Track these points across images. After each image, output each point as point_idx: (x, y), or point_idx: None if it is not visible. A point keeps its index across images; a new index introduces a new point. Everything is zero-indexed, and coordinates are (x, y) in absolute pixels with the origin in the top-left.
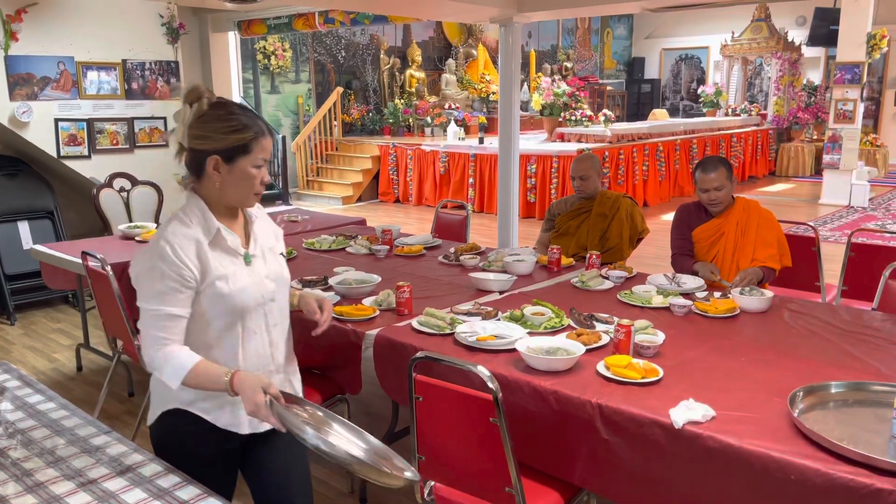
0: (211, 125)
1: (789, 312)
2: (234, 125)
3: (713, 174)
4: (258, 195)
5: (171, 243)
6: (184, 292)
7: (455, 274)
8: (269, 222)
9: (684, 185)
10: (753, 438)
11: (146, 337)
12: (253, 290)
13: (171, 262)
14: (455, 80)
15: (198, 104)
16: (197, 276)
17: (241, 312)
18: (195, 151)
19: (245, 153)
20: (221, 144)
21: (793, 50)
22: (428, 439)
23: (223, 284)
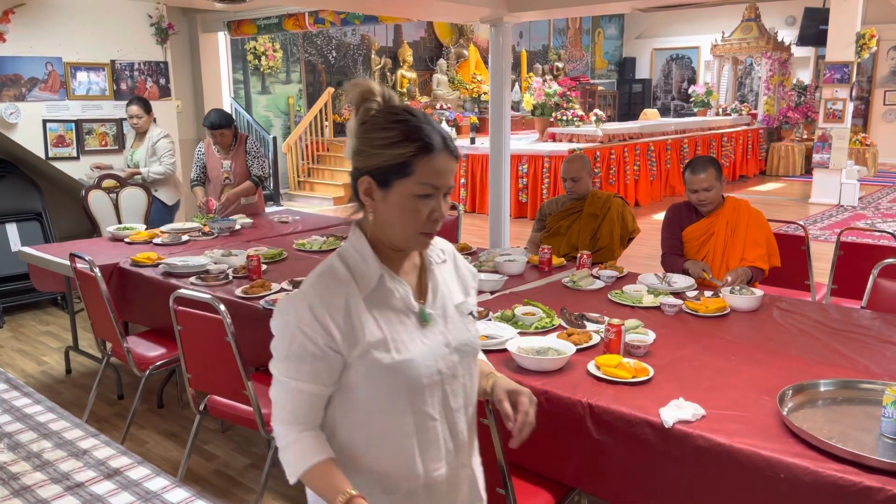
0: (367, 136)
1: (779, 311)
2: (392, 136)
3: (702, 174)
4: (427, 235)
5: (312, 299)
6: (323, 363)
7: None
8: (461, 268)
9: (675, 184)
10: (743, 437)
11: (274, 405)
12: (428, 362)
13: (308, 323)
14: (446, 80)
15: (363, 108)
16: (341, 343)
17: (410, 392)
18: (352, 170)
19: (403, 174)
20: (374, 161)
21: (782, 50)
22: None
23: (383, 354)
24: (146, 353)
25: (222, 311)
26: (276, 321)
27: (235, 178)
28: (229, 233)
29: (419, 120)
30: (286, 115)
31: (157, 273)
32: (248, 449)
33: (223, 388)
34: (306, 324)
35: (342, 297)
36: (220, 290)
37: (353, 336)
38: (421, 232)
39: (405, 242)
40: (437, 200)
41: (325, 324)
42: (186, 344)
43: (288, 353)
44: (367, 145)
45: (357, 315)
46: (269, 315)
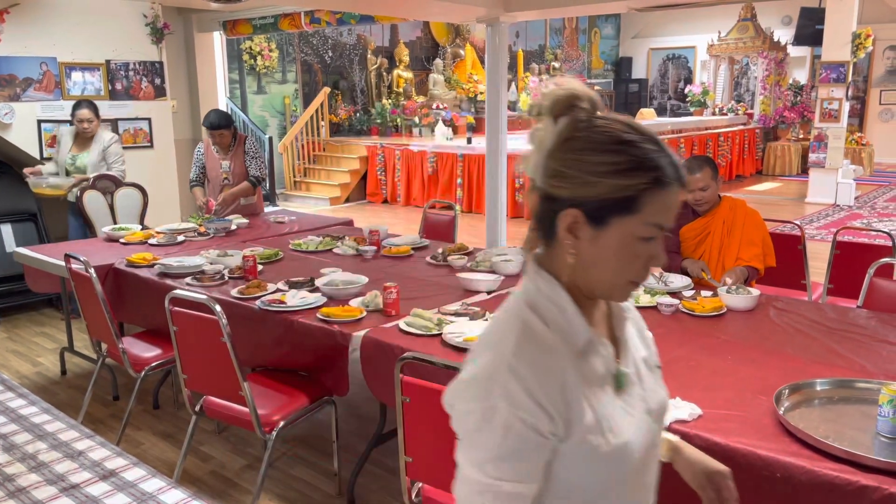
0: (579, 158)
1: (775, 311)
2: (619, 162)
3: (698, 174)
4: (636, 284)
5: (525, 374)
6: (537, 455)
7: (443, 274)
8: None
9: None
10: (739, 436)
11: None
12: (641, 440)
13: (526, 408)
14: (443, 80)
15: (569, 118)
16: (561, 427)
17: (629, 479)
18: (548, 197)
19: (627, 211)
20: (588, 192)
21: (779, 49)
22: (416, 441)
23: (599, 438)
24: (142, 354)
25: (218, 312)
26: (469, 407)
27: (234, 178)
28: (225, 233)
29: (649, 140)
30: (282, 115)
31: (153, 273)
32: (244, 450)
33: (219, 389)
34: (524, 409)
35: (559, 369)
36: (216, 291)
37: (570, 418)
38: (631, 280)
39: (610, 292)
40: (660, 243)
41: (545, 406)
42: (182, 345)
43: (500, 451)
44: (577, 169)
45: (572, 390)
46: (265, 316)
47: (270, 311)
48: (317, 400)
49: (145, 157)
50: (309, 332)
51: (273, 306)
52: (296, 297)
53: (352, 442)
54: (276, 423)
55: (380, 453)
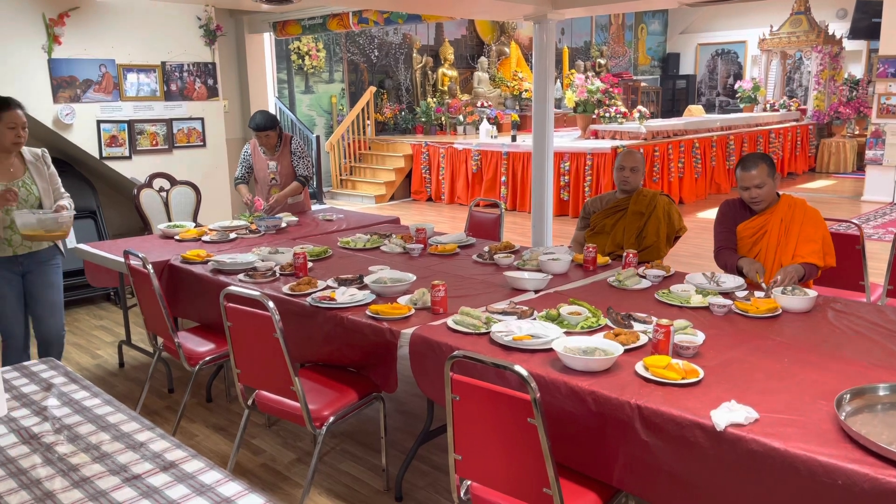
0: None
1: (833, 312)
2: None
3: (754, 171)
4: None
5: None
6: None
7: (489, 273)
8: None
9: (721, 182)
10: (799, 442)
11: None
12: None
13: None
14: (487, 77)
15: None
16: None
17: None
18: None
19: None
20: None
21: (833, 43)
22: (464, 438)
23: None
24: (196, 349)
25: (271, 308)
26: None
27: (281, 178)
28: (275, 231)
29: None
30: (329, 114)
31: (207, 270)
32: (294, 444)
33: (271, 384)
34: None
35: None
36: (268, 287)
37: None
38: None
39: None
40: None
41: None
42: (236, 340)
43: None
44: None
45: None
46: (315, 312)
47: (321, 307)
48: (365, 396)
49: (198, 157)
50: (358, 328)
51: (323, 303)
52: (345, 294)
53: (399, 438)
54: (327, 419)
55: (426, 450)
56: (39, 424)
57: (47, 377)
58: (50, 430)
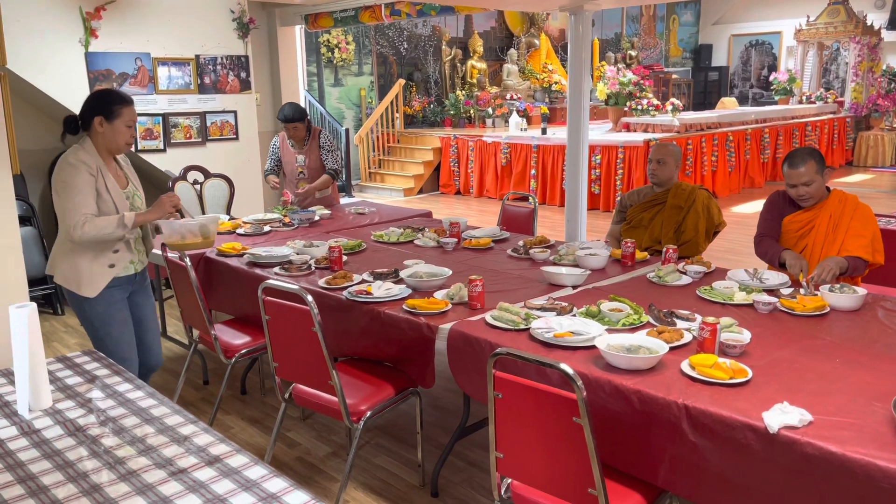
0: None
1: (884, 311)
2: None
3: (802, 168)
4: None
5: None
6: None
7: (525, 267)
8: None
9: (755, 175)
10: (856, 445)
11: None
12: None
13: None
14: (517, 70)
15: None
16: None
17: None
18: None
19: None
20: None
21: (872, 34)
22: (506, 436)
23: None
24: (232, 341)
25: (310, 302)
26: None
27: (310, 172)
28: (309, 224)
29: None
30: (358, 106)
31: (242, 263)
32: (329, 437)
33: (309, 378)
34: None
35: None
36: (304, 281)
37: None
38: None
39: None
40: None
41: None
42: (273, 334)
43: None
44: None
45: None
46: (352, 306)
47: (357, 301)
48: (402, 391)
49: (231, 149)
50: (395, 323)
51: (360, 297)
52: (381, 288)
53: (434, 433)
54: (364, 413)
55: (462, 446)
56: (84, 416)
57: (91, 369)
58: (95, 423)
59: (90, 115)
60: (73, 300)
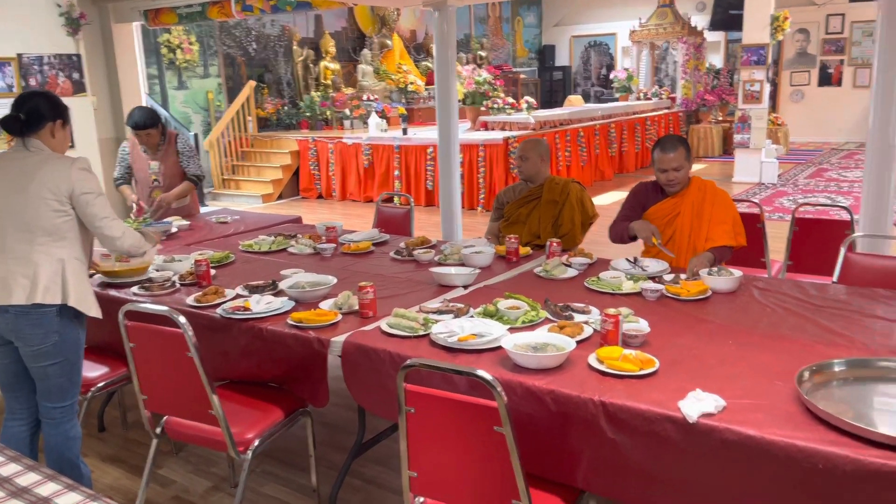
0: None
1: (758, 290)
2: None
3: (672, 154)
4: None
5: None
6: None
7: (411, 270)
8: None
9: (605, 169)
10: (773, 427)
11: None
12: None
13: None
14: (371, 70)
15: None
16: None
17: None
18: None
19: None
20: None
21: (696, 35)
22: (420, 453)
23: None
24: (87, 374)
25: (183, 324)
26: None
27: (165, 179)
28: (165, 236)
29: None
30: (206, 110)
31: (94, 284)
32: (208, 470)
33: (184, 408)
34: None
35: None
36: (168, 300)
37: None
38: None
39: None
40: None
41: None
42: (140, 362)
43: None
44: None
45: None
46: (228, 325)
47: (234, 319)
48: (292, 412)
49: None
50: (280, 339)
51: (237, 314)
52: (260, 302)
53: (327, 454)
54: (251, 442)
55: (359, 464)
56: None
57: None
58: None
59: (51, 117)
60: (68, 327)
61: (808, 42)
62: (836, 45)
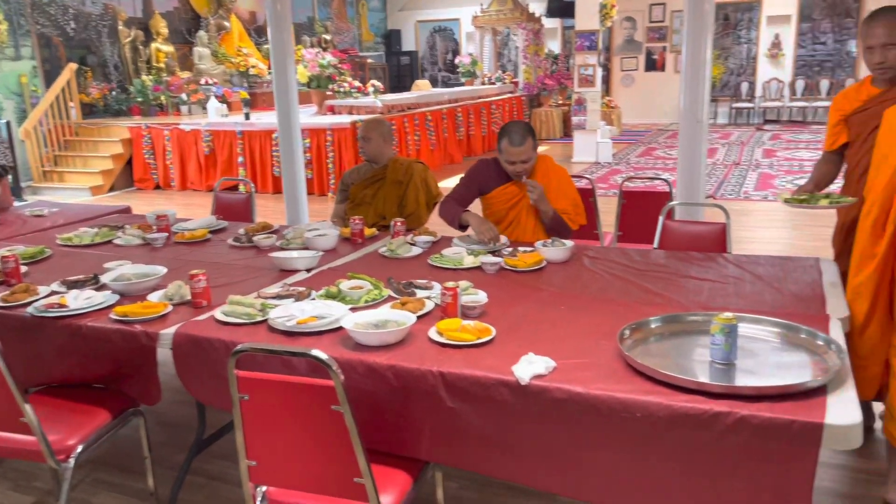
0: None
1: (588, 259)
2: None
3: (521, 147)
4: None
5: None
6: None
7: (251, 256)
8: None
9: (454, 152)
10: (597, 383)
11: None
12: None
13: None
14: (209, 53)
15: None
16: None
17: None
18: None
19: None
20: None
21: (534, 21)
22: (257, 441)
23: None
24: None
25: None
26: None
27: None
28: None
29: None
30: (19, 95)
31: None
32: (30, 485)
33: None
34: None
35: None
36: None
37: None
38: None
39: None
40: None
41: None
42: None
43: None
44: None
45: None
46: (41, 324)
47: (48, 317)
48: (121, 413)
49: None
50: (103, 336)
51: (51, 311)
52: (79, 298)
53: (166, 454)
54: (73, 448)
55: (201, 461)
56: None
57: None
58: None
59: None
60: None
61: (635, 30)
62: (659, 32)
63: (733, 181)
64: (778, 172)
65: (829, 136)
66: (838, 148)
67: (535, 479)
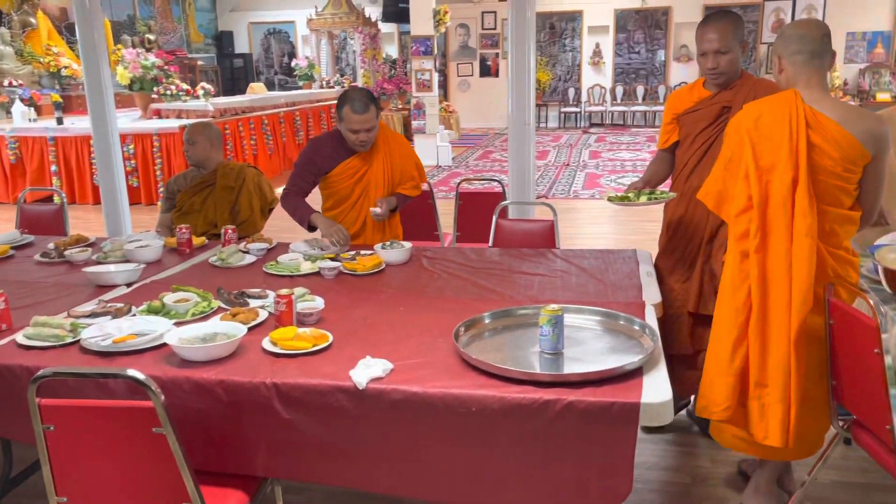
0: None
1: (427, 259)
2: None
3: (365, 114)
4: None
5: None
6: None
7: (62, 273)
8: None
9: (293, 156)
10: (433, 381)
11: None
12: None
13: None
14: (13, 52)
15: None
16: None
17: None
18: None
19: None
20: None
21: (371, 25)
22: (68, 475)
23: None
24: None
25: None
26: None
27: None
28: None
29: None
30: None
31: None
32: None
33: None
34: None
35: None
36: None
37: None
38: None
39: None
40: None
41: None
42: None
43: None
44: None
45: None
46: None
47: None
48: None
49: None
50: None
51: None
52: None
53: None
54: None
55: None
56: None
57: None
58: None
59: None
60: None
61: (469, 36)
62: (492, 39)
63: (564, 181)
64: (603, 172)
65: (662, 135)
66: (670, 147)
67: (377, 483)
